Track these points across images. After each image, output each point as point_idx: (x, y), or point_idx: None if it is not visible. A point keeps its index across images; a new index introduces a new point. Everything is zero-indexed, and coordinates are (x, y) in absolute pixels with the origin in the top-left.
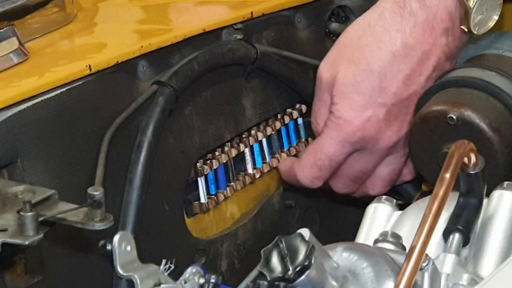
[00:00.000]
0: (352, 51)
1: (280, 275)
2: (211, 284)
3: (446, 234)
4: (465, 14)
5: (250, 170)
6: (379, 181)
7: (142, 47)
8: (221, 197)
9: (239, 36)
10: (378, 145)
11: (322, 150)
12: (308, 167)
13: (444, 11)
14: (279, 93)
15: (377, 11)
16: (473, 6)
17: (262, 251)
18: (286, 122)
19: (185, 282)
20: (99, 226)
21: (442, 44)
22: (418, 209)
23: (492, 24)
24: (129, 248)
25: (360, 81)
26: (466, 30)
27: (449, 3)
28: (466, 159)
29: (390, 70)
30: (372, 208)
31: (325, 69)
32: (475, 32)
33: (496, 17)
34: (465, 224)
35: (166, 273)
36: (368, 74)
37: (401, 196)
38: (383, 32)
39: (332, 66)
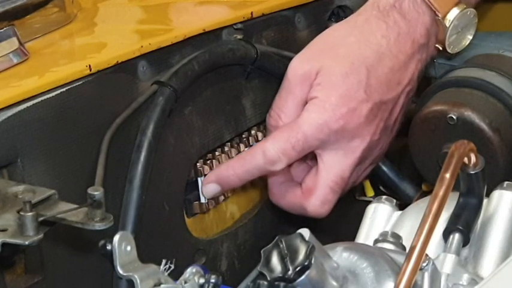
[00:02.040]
0: (338, 47)
1: (280, 275)
2: (211, 284)
3: (446, 234)
4: (441, 33)
5: None
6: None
7: (142, 47)
8: (221, 197)
9: (239, 36)
10: (352, 143)
11: (300, 129)
12: (280, 140)
13: (422, 26)
14: None
15: (363, 16)
16: (449, 26)
17: (262, 251)
18: None
19: (185, 282)
20: (99, 226)
21: (418, 59)
22: (418, 209)
23: (466, 43)
24: (129, 248)
25: (348, 73)
26: (441, 48)
27: (426, 20)
28: (466, 159)
29: (376, 69)
30: (372, 208)
31: (302, 62)
32: (450, 51)
33: (470, 37)
34: (465, 224)
35: (166, 273)
36: (356, 68)
37: (401, 196)
38: (370, 34)
39: (313, 60)
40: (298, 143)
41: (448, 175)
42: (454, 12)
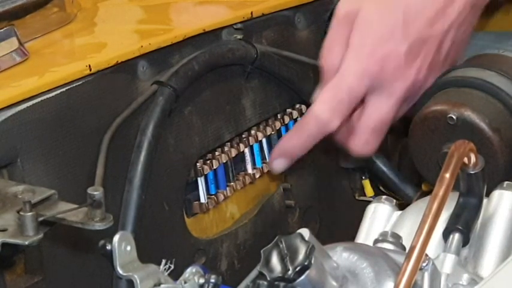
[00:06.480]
0: None
1: (280, 275)
2: (211, 284)
3: (446, 234)
4: None
5: (250, 170)
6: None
7: (142, 47)
8: (221, 197)
9: (239, 36)
10: (396, 83)
11: (342, 82)
12: (327, 99)
13: None
14: (278, 93)
15: None
16: None
17: (262, 251)
18: (286, 122)
19: (185, 282)
20: (99, 226)
21: None
22: (418, 209)
23: None
24: (129, 248)
25: (385, 14)
26: None
27: None
28: (466, 159)
29: (415, 7)
30: (371, 208)
31: (345, 4)
32: None
33: None
34: (465, 224)
35: (166, 273)
36: (393, 8)
37: (401, 196)
38: None
39: (355, 1)
40: (345, 97)
41: (448, 175)
42: None
